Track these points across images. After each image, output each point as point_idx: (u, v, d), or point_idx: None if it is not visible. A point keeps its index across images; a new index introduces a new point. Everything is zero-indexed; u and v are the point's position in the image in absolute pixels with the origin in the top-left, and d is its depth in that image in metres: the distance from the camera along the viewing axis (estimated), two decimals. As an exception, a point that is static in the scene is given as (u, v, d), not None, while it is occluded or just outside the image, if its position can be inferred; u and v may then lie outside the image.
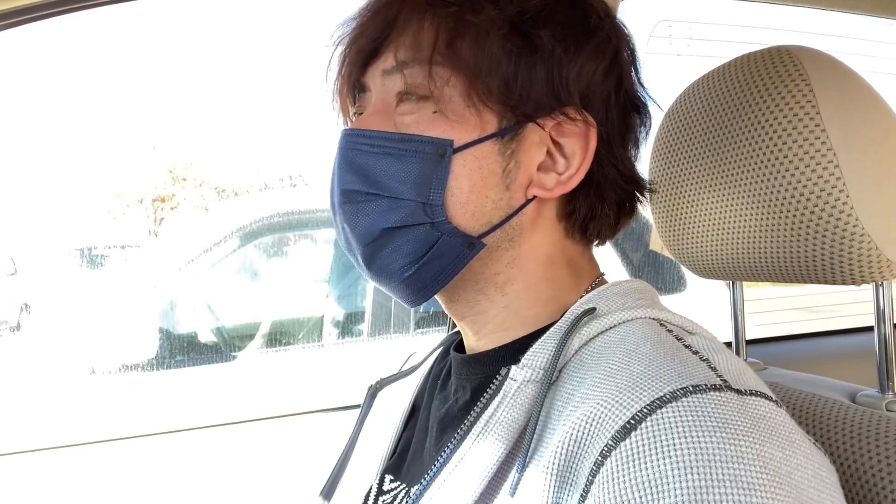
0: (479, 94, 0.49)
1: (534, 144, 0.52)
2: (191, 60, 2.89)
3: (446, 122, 0.50)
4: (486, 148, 0.50)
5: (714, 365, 0.42)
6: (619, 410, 0.38)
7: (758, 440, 0.36)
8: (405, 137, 0.50)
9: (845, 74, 0.55)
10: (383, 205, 0.50)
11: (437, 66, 0.49)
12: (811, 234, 0.54)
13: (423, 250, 0.51)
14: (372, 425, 0.68)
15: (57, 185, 2.54)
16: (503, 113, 0.50)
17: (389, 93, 0.52)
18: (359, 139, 0.52)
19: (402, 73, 0.51)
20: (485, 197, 0.51)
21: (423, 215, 0.50)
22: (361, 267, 0.54)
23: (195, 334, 1.97)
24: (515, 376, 0.46)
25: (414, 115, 0.51)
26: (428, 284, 0.53)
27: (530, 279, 0.54)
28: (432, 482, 0.46)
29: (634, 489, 0.35)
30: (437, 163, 0.49)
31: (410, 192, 0.50)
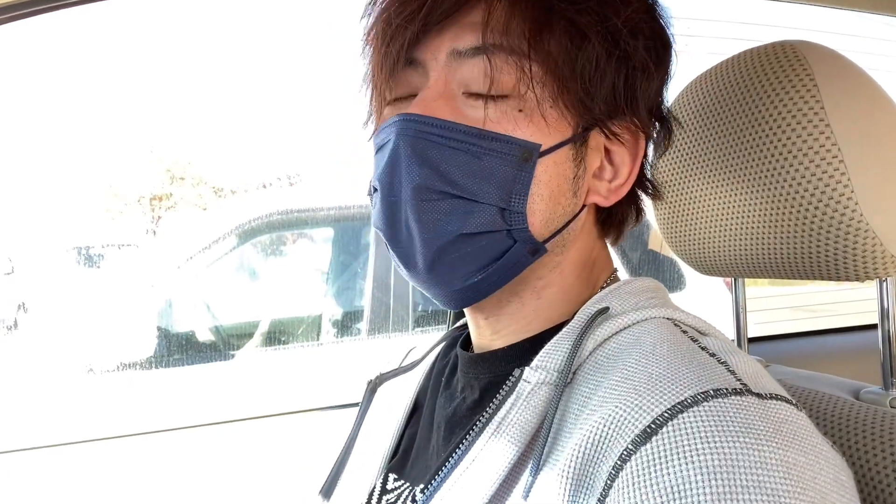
0: (566, 98, 0.47)
1: (593, 151, 0.51)
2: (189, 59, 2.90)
3: (535, 123, 0.47)
4: (564, 153, 0.48)
5: (733, 368, 0.41)
6: (639, 414, 0.38)
7: (781, 445, 0.35)
8: (491, 135, 0.46)
9: (849, 69, 0.55)
10: (462, 207, 0.46)
11: (530, 62, 0.46)
12: (815, 229, 0.54)
13: (493, 258, 0.48)
14: (372, 422, 0.68)
15: (54, 184, 2.53)
16: (582, 117, 0.48)
17: (457, 76, 0.47)
18: (430, 128, 0.46)
19: (487, 59, 0.45)
20: (557, 204, 0.49)
21: (502, 221, 0.47)
22: (418, 270, 0.49)
23: (193, 333, 1.97)
24: (529, 378, 0.45)
25: (496, 109, 0.46)
26: (483, 292, 0.50)
27: (566, 283, 0.53)
28: (443, 483, 0.45)
29: (656, 494, 0.34)
30: (522, 167, 0.46)
31: (492, 195, 0.46)
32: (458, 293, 0.50)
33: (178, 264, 1.96)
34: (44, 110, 2.62)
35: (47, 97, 2.63)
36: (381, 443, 0.63)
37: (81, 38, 2.54)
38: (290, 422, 1.37)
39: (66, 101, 2.67)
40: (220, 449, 1.34)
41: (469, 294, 0.50)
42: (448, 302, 0.51)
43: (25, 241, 2.39)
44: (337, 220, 2.16)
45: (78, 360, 1.71)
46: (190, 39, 2.97)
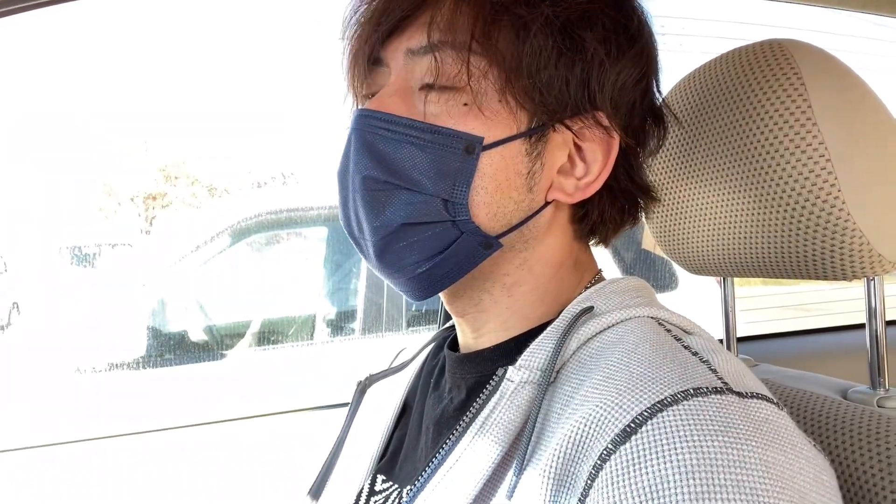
0: (515, 92, 0.47)
1: (557, 146, 0.50)
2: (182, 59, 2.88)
3: (477, 117, 0.47)
4: (514, 147, 0.48)
5: (714, 367, 0.41)
6: (618, 413, 0.38)
7: (760, 444, 0.35)
8: (434, 129, 0.47)
9: (837, 68, 0.55)
10: (404, 197, 0.48)
11: (474, 55, 0.46)
12: (802, 229, 0.54)
13: (439, 248, 0.49)
14: (361, 422, 0.67)
15: (47, 183, 2.52)
16: (535, 112, 0.48)
17: (413, 74, 0.49)
18: (380, 122, 0.48)
19: (434, 57, 0.47)
20: (508, 197, 0.49)
21: (445, 212, 0.48)
22: (370, 258, 0.51)
23: (185, 332, 1.96)
24: (512, 377, 0.45)
25: (442, 104, 0.48)
26: (437, 282, 0.51)
27: (539, 282, 0.53)
28: (427, 483, 0.45)
29: (635, 493, 0.34)
30: (465, 159, 0.47)
31: (434, 186, 0.47)
32: (414, 282, 0.51)
33: (171, 263, 1.95)
34: (37, 108, 2.61)
35: (41, 95, 2.62)
36: (369, 444, 0.63)
37: (77, 37, 2.53)
38: (281, 422, 1.37)
39: (60, 99, 2.66)
40: (211, 449, 1.34)
41: (425, 284, 0.51)
42: (407, 291, 0.52)
43: (18, 240, 2.38)
44: (330, 219, 2.15)
45: (70, 360, 1.70)
46: (185, 39, 2.96)
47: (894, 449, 0.49)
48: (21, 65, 2.46)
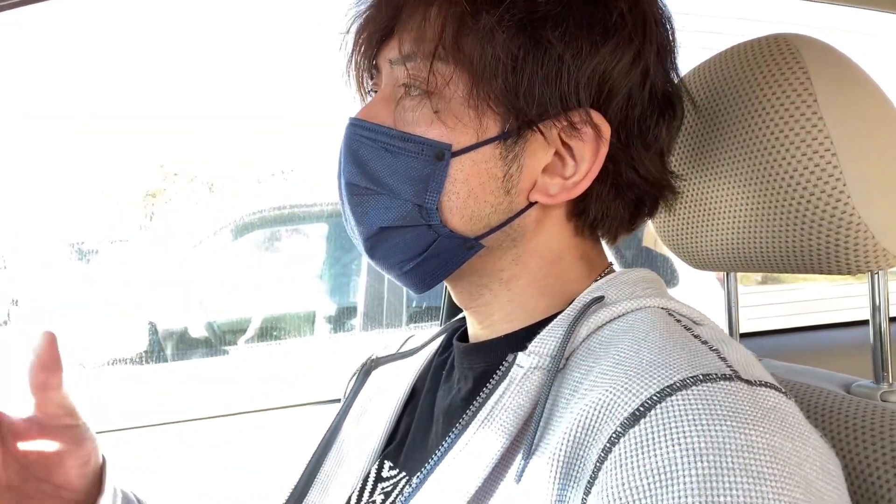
0: (481, 96, 0.47)
1: (540, 147, 0.50)
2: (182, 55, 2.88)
3: (446, 123, 0.48)
4: (486, 152, 0.49)
5: (724, 355, 0.41)
6: (628, 397, 0.38)
7: (768, 430, 0.35)
8: (404, 136, 0.49)
9: (842, 62, 0.55)
10: (381, 202, 0.50)
11: (439, 62, 0.48)
12: (807, 223, 0.54)
13: (420, 249, 0.51)
14: (364, 404, 0.67)
15: (47, 179, 2.52)
16: (506, 116, 0.48)
17: (396, 82, 0.51)
18: (361, 130, 0.51)
19: (405, 66, 0.49)
20: (483, 202, 0.50)
21: (419, 217, 0.50)
22: (365, 255, 0.54)
23: (186, 328, 1.96)
24: (522, 363, 0.46)
25: (415, 112, 0.49)
26: (428, 278, 0.53)
27: (537, 275, 0.53)
28: (435, 468, 0.45)
29: (643, 476, 0.35)
30: (435, 165, 0.48)
31: (406, 192, 0.49)
32: (406, 278, 0.54)
33: (170, 260, 1.95)
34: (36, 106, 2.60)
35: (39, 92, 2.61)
36: (374, 428, 0.63)
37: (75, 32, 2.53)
38: (282, 416, 1.37)
39: (59, 96, 2.66)
40: (210, 443, 1.34)
41: (416, 279, 0.53)
42: (405, 286, 0.55)
43: (18, 236, 2.38)
44: (331, 215, 2.15)
45: (70, 355, 1.70)
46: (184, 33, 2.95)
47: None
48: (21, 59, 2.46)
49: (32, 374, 0.48)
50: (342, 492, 0.60)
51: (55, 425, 0.51)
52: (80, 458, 0.52)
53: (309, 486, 0.63)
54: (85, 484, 0.53)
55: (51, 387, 0.49)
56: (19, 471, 0.50)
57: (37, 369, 0.48)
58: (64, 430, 0.51)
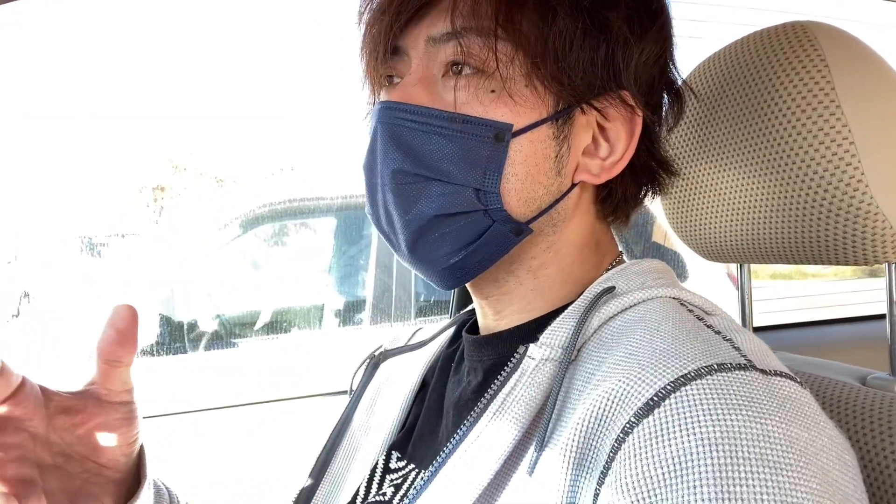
0: (541, 76, 0.46)
1: (582, 128, 0.50)
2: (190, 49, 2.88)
3: (506, 103, 0.47)
4: (542, 132, 0.48)
5: (737, 345, 0.41)
6: (641, 387, 0.38)
7: (784, 420, 0.35)
8: (462, 118, 0.47)
9: (861, 50, 0.54)
10: (436, 188, 0.47)
11: (500, 41, 0.46)
12: (824, 213, 0.53)
13: (472, 238, 0.49)
14: (373, 396, 0.67)
15: (57, 173, 2.53)
16: (561, 95, 0.48)
17: (435, 62, 0.49)
18: (405, 114, 0.48)
19: (459, 43, 0.46)
20: (538, 183, 0.49)
21: (477, 202, 0.48)
22: (401, 251, 0.51)
23: (195, 321, 1.97)
24: (534, 354, 0.45)
25: (468, 91, 0.47)
26: (469, 271, 0.51)
27: (563, 263, 0.53)
28: (447, 461, 0.45)
29: (657, 466, 0.34)
30: (495, 147, 0.47)
31: (465, 176, 0.47)
32: (446, 272, 0.51)
33: (179, 253, 1.96)
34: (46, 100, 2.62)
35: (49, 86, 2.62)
36: (384, 420, 0.63)
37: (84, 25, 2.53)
38: (289, 407, 1.37)
39: (67, 89, 2.67)
40: (221, 433, 1.34)
41: (457, 273, 0.51)
42: (438, 281, 0.52)
43: (28, 229, 2.39)
44: (340, 209, 2.15)
45: (80, 348, 1.71)
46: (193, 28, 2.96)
47: (916, 434, 0.49)
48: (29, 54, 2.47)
49: (107, 347, 0.45)
50: (353, 484, 0.59)
51: (113, 401, 0.48)
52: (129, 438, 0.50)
53: (321, 478, 0.63)
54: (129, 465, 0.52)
55: (123, 363, 0.47)
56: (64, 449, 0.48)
57: (114, 343, 0.45)
58: (119, 407, 0.49)
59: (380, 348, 0.72)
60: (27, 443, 0.45)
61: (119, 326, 0.45)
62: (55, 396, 0.47)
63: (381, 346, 0.73)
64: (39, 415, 0.46)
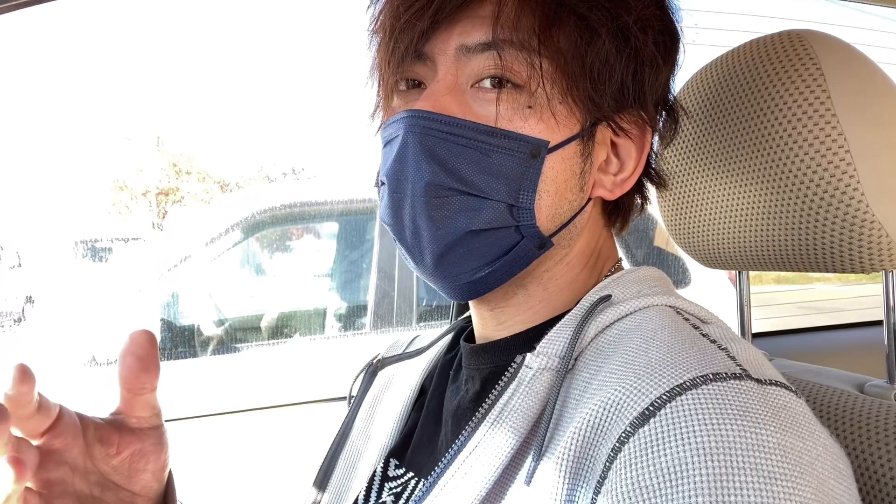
0: (576, 94, 0.47)
1: (599, 145, 0.51)
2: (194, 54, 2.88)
3: (544, 120, 0.47)
4: (572, 149, 0.48)
5: (733, 354, 0.41)
6: (637, 397, 0.38)
7: (779, 429, 0.35)
8: (499, 132, 0.46)
9: (857, 59, 0.54)
10: (472, 204, 0.47)
11: (539, 57, 0.45)
12: (821, 221, 0.53)
13: (499, 253, 0.48)
14: (372, 404, 0.67)
15: (61, 179, 2.55)
16: (590, 112, 0.48)
17: (465, 71, 0.47)
18: (439, 125, 0.46)
19: (498, 55, 0.45)
20: (564, 199, 0.49)
21: (510, 218, 0.47)
22: (425, 265, 0.49)
23: (197, 326, 1.97)
24: (531, 364, 0.45)
25: (505, 105, 0.46)
26: (491, 285, 0.50)
27: (572, 274, 0.54)
28: (445, 470, 0.45)
29: (653, 476, 0.34)
30: (530, 164, 0.46)
31: (500, 192, 0.46)
32: (466, 286, 0.50)
33: (182, 258, 1.96)
34: (52, 105, 2.64)
35: (54, 92, 2.64)
36: (383, 427, 0.63)
37: (92, 35, 2.55)
38: (292, 413, 1.37)
39: (74, 96, 2.69)
40: (221, 439, 1.35)
41: (477, 287, 0.51)
42: (455, 294, 0.52)
43: (33, 234, 2.41)
44: (342, 214, 2.16)
45: (83, 352, 1.71)
46: (197, 34, 2.98)
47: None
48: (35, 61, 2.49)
49: (131, 376, 0.44)
50: (355, 493, 0.60)
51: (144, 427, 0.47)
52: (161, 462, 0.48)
53: (324, 488, 0.63)
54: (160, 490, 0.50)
55: (147, 390, 0.45)
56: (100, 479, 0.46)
57: (137, 371, 0.44)
58: (151, 433, 0.47)
59: (377, 356, 0.72)
60: (67, 476, 0.44)
61: (139, 353, 0.44)
62: (91, 424, 0.46)
63: (378, 354, 0.73)
64: (78, 445, 0.44)
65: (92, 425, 0.46)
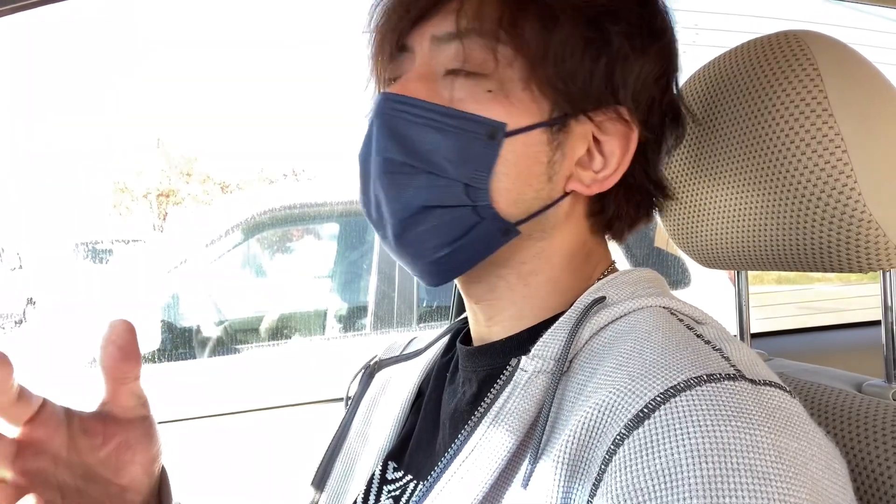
0: (539, 81, 0.48)
1: (577, 138, 0.51)
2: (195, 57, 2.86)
3: (501, 103, 0.48)
4: (536, 136, 0.49)
5: (727, 354, 0.41)
6: (631, 399, 0.38)
7: (773, 430, 0.35)
8: (456, 113, 0.48)
9: (853, 59, 0.54)
10: (425, 180, 0.48)
11: (500, 44, 0.47)
12: (818, 220, 0.54)
13: (459, 233, 0.49)
14: (369, 407, 0.67)
15: (62, 181, 2.56)
16: (557, 102, 0.49)
17: (437, 60, 0.50)
18: (403, 106, 0.49)
19: (461, 43, 0.48)
20: (528, 185, 0.49)
21: (466, 197, 0.48)
22: (389, 241, 0.52)
23: (198, 327, 1.97)
24: (526, 367, 0.45)
25: (467, 90, 0.48)
26: (455, 267, 0.52)
27: (554, 272, 0.53)
28: (442, 474, 0.45)
29: (647, 478, 0.34)
30: (486, 145, 0.48)
31: (456, 171, 0.48)
32: (431, 267, 0.51)
33: (183, 260, 1.97)
34: (53, 107, 2.64)
35: (57, 95, 2.65)
36: (381, 430, 0.63)
37: (90, 35, 2.56)
38: (291, 414, 1.38)
39: (75, 98, 2.70)
40: (221, 440, 1.35)
41: (443, 269, 0.51)
42: (425, 276, 0.53)
43: (34, 236, 2.41)
44: (342, 215, 2.16)
45: (85, 354, 1.72)
46: (197, 36, 2.98)
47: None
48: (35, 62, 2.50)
49: (113, 364, 0.44)
50: (352, 495, 0.60)
51: (130, 417, 0.47)
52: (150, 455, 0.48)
53: (321, 490, 0.63)
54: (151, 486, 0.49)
55: (130, 377, 0.45)
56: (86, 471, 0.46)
57: (118, 360, 0.44)
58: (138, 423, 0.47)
59: (374, 357, 0.73)
60: (49, 467, 0.44)
61: (120, 343, 0.44)
62: (77, 416, 0.46)
63: (375, 356, 0.73)
64: (61, 437, 0.44)
65: (77, 417, 0.46)
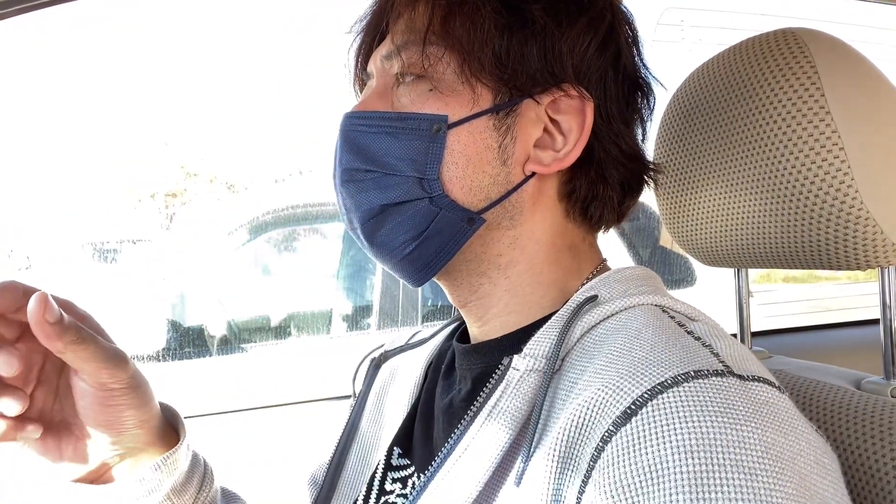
0: (471, 70, 0.50)
1: (530, 121, 0.52)
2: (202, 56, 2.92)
3: (440, 98, 0.51)
4: (481, 123, 0.51)
5: (716, 351, 0.41)
6: (619, 396, 0.38)
7: (760, 425, 0.35)
8: (401, 116, 0.51)
9: (851, 57, 0.54)
10: (381, 181, 0.52)
11: (430, 46, 0.51)
12: (815, 218, 0.54)
13: (422, 226, 0.52)
14: (377, 397, 0.68)
15: (70, 181, 2.57)
16: (498, 88, 0.51)
17: (388, 75, 0.54)
18: (358, 120, 0.53)
19: (400, 56, 0.52)
20: (481, 171, 0.51)
21: (421, 190, 0.51)
22: (364, 245, 0.55)
23: (204, 326, 1.99)
24: (518, 366, 0.46)
25: (410, 94, 0.52)
26: (429, 262, 0.53)
27: (533, 261, 0.54)
28: (437, 471, 0.46)
29: (635, 474, 0.35)
30: (433, 138, 0.50)
31: (407, 167, 0.51)
32: (406, 264, 0.54)
33: (190, 259, 1.98)
34: (59, 108, 2.66)
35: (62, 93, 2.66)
36: (392, 418, 0.64)
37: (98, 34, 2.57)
38: (296, 411, 1.38)
39: (81, 98, 2.71)
40: (229, 437, 1.36)
41: (417, 265, 0.53)
42: (404, 275, 0.55)
43: (42, 236, 2.43)
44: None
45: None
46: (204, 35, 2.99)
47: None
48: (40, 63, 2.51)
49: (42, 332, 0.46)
50: (367, 480, 0.61)
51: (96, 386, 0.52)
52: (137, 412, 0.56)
53: (335, 481, 0.64)
54: (156, 426, 0.58)
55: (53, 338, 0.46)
56: None
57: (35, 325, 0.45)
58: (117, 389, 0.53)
59: (380, 348, 0.73)
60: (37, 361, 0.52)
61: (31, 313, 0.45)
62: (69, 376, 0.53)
63: (381, 346, 0.74)
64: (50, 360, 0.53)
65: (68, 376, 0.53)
